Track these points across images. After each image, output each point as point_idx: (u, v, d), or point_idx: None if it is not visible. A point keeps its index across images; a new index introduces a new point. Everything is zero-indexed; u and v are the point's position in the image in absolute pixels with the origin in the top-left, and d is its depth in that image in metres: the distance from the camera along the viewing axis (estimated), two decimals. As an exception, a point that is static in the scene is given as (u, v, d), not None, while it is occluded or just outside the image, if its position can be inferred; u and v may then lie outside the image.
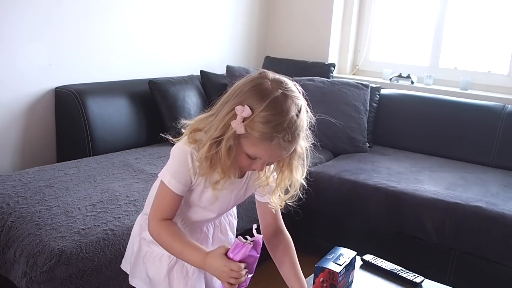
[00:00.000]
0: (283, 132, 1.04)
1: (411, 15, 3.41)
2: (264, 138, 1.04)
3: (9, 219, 1.68)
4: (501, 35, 3.08)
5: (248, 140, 1.06)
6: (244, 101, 1.05)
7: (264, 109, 1.03)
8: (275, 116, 1.03)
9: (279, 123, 1.03)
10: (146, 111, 2.67)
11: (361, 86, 3.00)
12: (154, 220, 1.19)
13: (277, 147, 1.06)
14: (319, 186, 2.48)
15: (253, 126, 1.04)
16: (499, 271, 2.07)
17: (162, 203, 1.19)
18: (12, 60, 2.27)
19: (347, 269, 1.43)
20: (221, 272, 1.07)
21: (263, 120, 1.03)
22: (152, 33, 2.91)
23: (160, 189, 1.19)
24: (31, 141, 2.43)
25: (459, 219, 2.12)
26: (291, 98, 1.06)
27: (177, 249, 1.16)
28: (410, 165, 2.66)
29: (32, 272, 1.51)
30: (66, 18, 2.45)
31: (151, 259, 1.29)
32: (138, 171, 2.19)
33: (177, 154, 1.17)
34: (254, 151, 1.08)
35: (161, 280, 1.27)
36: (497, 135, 2.72)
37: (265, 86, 1.06)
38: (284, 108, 1.04)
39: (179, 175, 1.16)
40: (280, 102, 1.04)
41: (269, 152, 1.07)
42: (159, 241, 1.19)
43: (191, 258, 1.14)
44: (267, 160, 1.11)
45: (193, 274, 1.28)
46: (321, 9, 3.47)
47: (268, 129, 1.03)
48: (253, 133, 1.04)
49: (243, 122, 1.04)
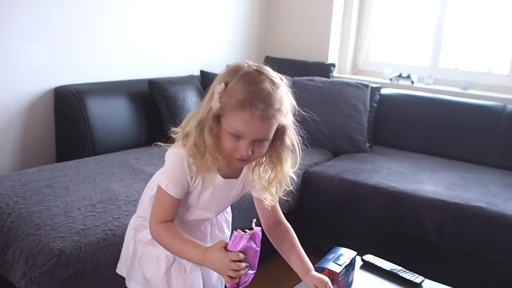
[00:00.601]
0: (256, 99, 1.06)
1: (411, 15, 3.40)
2: (238, 105, 1.06)
3: (9, 219, 1.68)
4: (501, 35, 3.08)
5: (226, 116, 1.09)
6: (221, 81, 1.10)
7: (237, 80, 1.08)
8: (248, 85, 1.07)
9: (252, 90, 1.06)
10: (146, 111, 2.67)
11: (361, 86, 2.99)
12: (153, 223, 1.20)
13: (253, 116, 1.06)
14: (319, 186, 2.48)
15: (227, 95, 1.08)
16: (499, 271, 2.07)
17: (161, 207, 1.20)
18: (12, 60, 2.27)
19: (347, 269, 1.43)
20: (220, 265, 1.07)
21: (235, 88, 1.07)
22: (152, 33, 2.91)
23: (158, 194, 1.20)
24: (30, 141, 2.43)
25: (459, 219, 2.12)
26: (267, 76, 1.10)
27: (177, 248, 1.17)
28: (410, 165, 2.66)
29: (32, 273, 1.51)
30: (66, 18, 2.45)
31: (148, 260, 1.29)
32: (138, 171, 2.19)
33: (173, 158, 1.18)
34: (232, 124, 1.08)
35: (159, 280, 1.27)
36: (497, 135, 2.72)
37: (241, 65, 1.12)
38: (257, 80, 1.08)
39: (176, 179, 1.17)
40: (254, 75, 1.09)
41: (246, 123, 1.07)
42: (160, 242, 1.20)
43: (191, 255, 1.15)
44: (248, 137, 1.09)
45: (191, 271, 1.28)
46: (321, 9, 3.46)
47: (241, 95, 1.06)
48: (228, 103, 1.07)
49: (219, 98, 1.08)
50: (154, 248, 1.27)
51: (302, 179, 2.52)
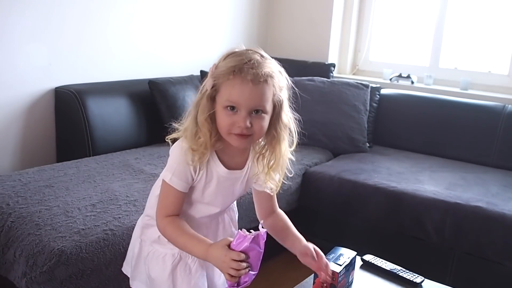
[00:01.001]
0: (245, 65, 1.08)
1: (411, 15, 3.40)
2: (228, 73, 1.08)
3: (9, 219, 1.68)
4: (501, 35, 3.08)
5: (220, 91, 1.11)
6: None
7: (227, 57, 1.12)
8: (237, 56, 1.10)
9: (240, 59, 1.09)
10: (146, 111, 2.67)
11: (361, 86, 3.00)
12: (159, 218, 1.22)
13: (244, 80, 1.08)
14: (319, 186, 2.48)
15: (217, 70, 1.11)
16: (499, 271, 2.07)
17: (166, 201, 1.22)
18: (12, 60, 2.27)
19: (347, 269, 1.43)
20: (221, 262, 1.07)
21: (225, 63, 1.10)
22: (152, 33, 2.91)
23: (163, 188, 1.22)
24: (31, 141, 2.43)
25: (459, 219, 2.12)
26: (256, 51, 1.13)
27: (181, 242, 1.19)
28: (410, 165, 2.66)
29: (32, 272, 1.51)
30: (66, 18, 2.45)
31: (154, 259, 1.30)
32: (138, 171, 2.19)
33: (176, 152, 1.20)
34: (227, 96, 1.10)
35: (164, 279, 1.28)
36: (497, 135, 2.72)
37: (234, 49, 1.14)
38: (245, 53, 1.11)
39: (180, 172, 1.19)
40: (243, 51, 1.13)
41: (239, 89, 1.08)
42: (166, 236, 1.22)
43: (195, 250, 1.16)
44: (243, 106, 1.10)
45: (196, 272, 1.29)
46: (321, 9, 3.47)
47: (231, 63, 1.09)
48: (219, 77, 1.10)
49: (211, 77, 1.12)
50: (160, 247, 1.29)
51: (302, 179, 2.52)
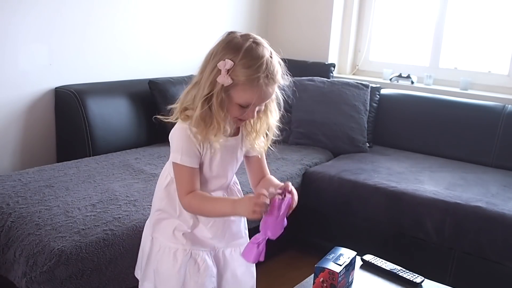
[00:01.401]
0: (265, 72, 1.17)
1: (411, 15, 3.40)
2: (250, 81, 1.17)
3: (9, 219, 1.68)
4: (501, 35, 3.08)
5: (236, 89, 1.19)
6: (222, 57, 1.18)
7: (242, 57, 1.17)
8: (253, 60, 1.17)
9: (259, 65, 1.17)
10: (146, 111, 2.67)
11: (361, 86, 3.00)
12: (182, 198, 1.28)
13: (263, 88, 1.18)
14: (319, 186, 2.48)
15: (237, 73, 1.17)
16: (499, 271, 2.07)
17: (183, 181, 1.27)
18: (13, 60, 2.27)
19: (347, 269, 1.43)
20: (248, 201, 1.17)
21: (244, 65, 1.16)
22: (152, 33, 2.91)
23: (176, 170, 1.28)
24: (31, 141, 2.43)
25: (459, 219, 2.12)
26: (262, 45, 1.21)
27: (208, 208, 1.27)
28: (410, 165, 2.66)
29: (32, 272, 1.51)
30: (67, 19, 2.45)
31: (165, 254, 1.34)
32: (138, 171, 2.20)
33: (178, 133, 1.27)
34: (245, 98, 1.19)
35: (173, 274, 1.32)
36: (497, 135, 2.72)
37: (236, 40, 1.20)
38: (259, 53, 1.19)
39: (188, 150, 1.25)
40: (254, 49, 1.19)
41: (257, 94, 1.19)
42: (192, 210, 1.29)
43: (223, 208, 1.25)
44: (257, 104, 1.22)
45: (204, 271, 1.33)
46: (321, 9, 3.47)
47: (251, 71, 1.16)
48: (240, 80, 1.17)
49: (227, 74, 1.16)
50: (172, 243, 1.33)
51: (302, 179, 2.52)
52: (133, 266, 1.63)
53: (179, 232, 1.33)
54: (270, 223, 1.19)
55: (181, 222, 1.33)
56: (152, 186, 2.01)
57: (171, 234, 1.33)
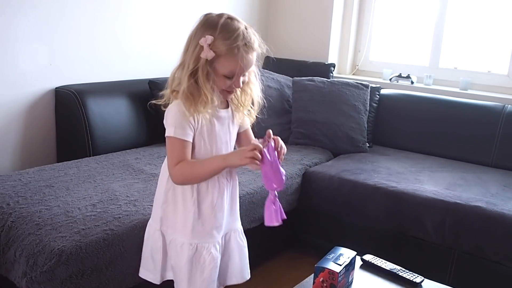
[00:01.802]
0: (243, 41, 1.29)
1: (411, 15, 3.41)
2: (231, 50, 1.28)
3: (9, 219, 1.68)
4: (501, 35, 3.09)
5: (220, 61, 1.29)
6: (202, 35, 1.29)
7: (219, 31, 1.29)
8: (231, 32, 1.29)
9: (237, 35, 1.29)
10: (146, 111, 2.67)
11: (361, 86, 3.00)
12: (172, 168, 1.34)
13: (244, 55, 1.29)
14: (319, 186, 2.48)
15: (218, 46, 1.28)
16: (499, 271, 2.07)
17: (174, 152, 1.33)
18: (13, 60, 2.27)
19: (347, 269, 1.44)
20: (239, 153, 1.29)
21: (223, 38, 1.28)
22: (152, 33, 2.91)
23: (169, 144, 1.34)
24: (31, 141, 2.43)
25: (459, 219, 2.13)
26: (236, 20, 1.33)
27: (201, 170, 1.33)
28: (410, 165, 2.66)
29: (32, 272, 1.51)
30: (67, 19, 2.45)
31: (173, 247, 1.41)
32: (138, 171, 2.20)
33: (172, 109, 1.34)
34: (229, 67, 1.30)
35: (181, 266, 1.40)
36: (497, 135, 2.72)
37: (212, 19, 1.33)
38: (234, 26, 1.31)
39: (181, 124, 1.32)
40: (229, 23, 1.31)
41: (239, 62, 1.29)
42: (185, 178, 1.34)
43: (215, 164, 1.32)
44: (241, 73, 1.32)
45: (209, 263, 1.40)
46: (321, 9, 3.47)
47: (231, 41, 1.28)
48: (221, 51, 1.28)
49: (209, 48, 1.27)
50: (179, 236, 1.39)
51: (302, 179, 2.52)
52: (133, 266, 1.63)
53: (185, 224, 1.39)
54: (269, 172, 1.27)
55: (187, 212, 1.39)
56: (152, 186, 2.01)
57: (177, 226, 1.40)
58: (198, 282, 1.40)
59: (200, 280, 1.40)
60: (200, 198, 1.39)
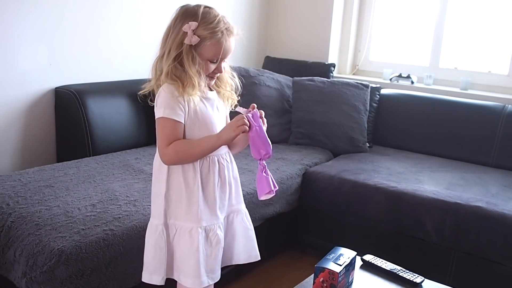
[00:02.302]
0: (224, 26, 1.36)
1: (411, 15, 3.40)
2: (214, 34, 1.34)
3: (9, 219, 1.68)
4: (501, 35, 3.08)
5: (204, 46, 1.35)
6: (184, 23, 1.34)
7: (201, 18, 1.35)
8: (212, 18, 1.36)
9: (218, 21, 1.36)
10: (146, 111, 2.67)
11: (361, 86, 3.00)
12: (163, 148, 1.35)
13: (226, 39, 1.36)
14: (319, 186, 2.48)
15: (202, 31, 1.34)
16: (499, 271, 2.07)
17: (165, 132, 1.35)
18: (13, 60, 2.27)
19: (347, 269, 1.44)
20: (229, 127, 1.34)
21: (206, 23, 1.34)
22: (152, 33, 2.91)
23: (159, 124, 1.36)
24: (31, 141, 2.43)
25: (459, 219, 2.12)
26: (213, 9, 1.40)
27: (196, 148, 1.36)
28: (410, 165, 2.66)
29: (32, 272, 1.51)
30: (67, 19, 2.45)
31: (181, 236, 1.41)
32: (138, 171, 2.20)
33: (160, 94, 1.37)
34: (214, 51, 1.36)
35: (192, 253, 1.39)
36: (497, 135, 2.72)
37: (191, 8, 1.38)
38: (214, 13, 1.38)
39: (170, 105, 1.34)
40: (209, 11, 1.38)
41: (221, 46, 1.36)
42: (180, 158, 1.36)
43: (210, 143, 1.36)
44: (224, 58, 1.39)
45: (216, 244, 1.43)
46: (321, 9, 3.47)
47: (213, 26, 1.34)
48: (206, 36, 1.34)
49: (193, 34, 1.33)
50: (186, 223, 1.41)
51: (302, 179, 2.52)
52: (133, 266, 1.63)
53: (191, 209, 1.40)
54: (257, 139, 1.34)
55: (192, 197, 1.40)
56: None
57: (184, 213, 1.40)
58: (207, 264, 1.42)
59: (209, 262, 1.43)
60: (203, 181, 1.41)
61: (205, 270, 1.42)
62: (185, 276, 1.42)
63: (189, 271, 1.41)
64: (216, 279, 1.46)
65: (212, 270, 1.44)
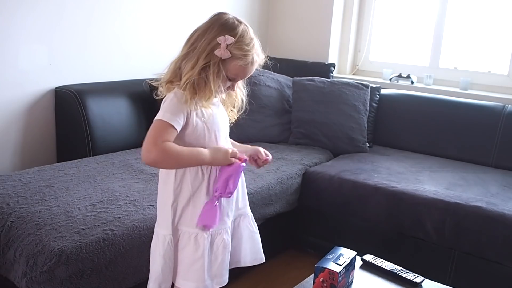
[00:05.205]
0: (257, 50, 1.37)
1: (411, 15, 3.41)
2: (245, 57, 1.33)
3: (9, 219, 1.68)
4: (501, 35, 3.08)
5: (232, 63, 1.33)
6: (220, 34, 1.32)
7: (239, 36, 1.33)
8: (249, 40, 1.36)
9: (253, 44, 1.36)
10: (146, 111, 2.67)
11: (361, 86, 3.00)
12: (152, 145, 1.28)
13: (253, 64, 1.37)
14: (319, 186, 2.48)
15: (235, 50, 1.32)
16: (499, 271, 2.07)
17: (158, 131, 1.29)
18: (13, 60, 2.27)
19: (347, 269, 1.44)
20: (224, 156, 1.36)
21: (241, 44, 1.33)
22: (152, 33, 2.91)
23: (154, 125, 1.31)
24: (31, 141, 2.43)
25: (459, 219, 2.12)
26: (249, 29, 1.39)
27: (187, 157, 1.32)
28: (410, 165, 2.66)
29: (32, 272, 1.51)
30: (67, 19, 2.45)
31: (188, 241, 1.40)
32: (138, 171, 2.20)
33: (170, 98, 1.34)
34: (236, 71, 1.35)
35: (197, 258, 1.38)
36: (497, 135, 2.72)
37: (231, 21, 1.38)
38: (251, 35, 1.38)
39: (173, 110, 1.31)
40: (247, 31, 1.38)
41: (246, 70, 1.36)
42: (167, 157, 1.30)
43: (201, 158, 1.34)
44: (242, 78, 1.40)
45: (223, 248, 1.43)
46: (321, 9, 3.47)
47: (248, 49, 1.34)
48: (237, 55, 1.32)
49: (227, 49, 1.31)
50: (192, 228, 1.39)
51: (302, 179, 2.52)
52: (133, 266, 1.63)
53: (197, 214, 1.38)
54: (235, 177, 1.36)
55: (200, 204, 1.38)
56: (152, 186, 2.01)
57: (190, 219, 1.39)
58: (213, 269, 1.42)
59: (215, 267, 1.42)
60: (210, 188, 1.40)
61: (209, 275, 1.40)
62: (188, 280, 1.41)
63: (192, 276, 1.40)
64: (223, 283, 1.45)
65: (219, 275, 1.43)
